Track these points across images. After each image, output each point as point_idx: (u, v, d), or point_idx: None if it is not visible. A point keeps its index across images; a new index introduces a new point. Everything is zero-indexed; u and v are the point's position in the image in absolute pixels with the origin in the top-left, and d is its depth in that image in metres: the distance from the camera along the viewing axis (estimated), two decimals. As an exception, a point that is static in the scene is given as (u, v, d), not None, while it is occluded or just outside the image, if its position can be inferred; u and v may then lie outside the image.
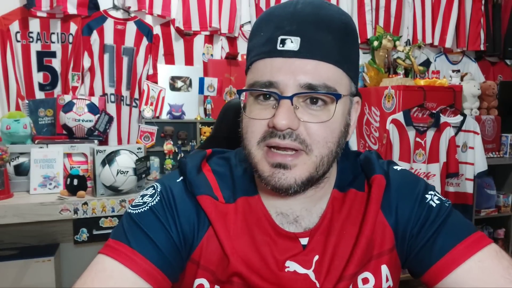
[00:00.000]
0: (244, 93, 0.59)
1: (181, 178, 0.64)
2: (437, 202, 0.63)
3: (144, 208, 0.60)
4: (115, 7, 2.62)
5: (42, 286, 1.66)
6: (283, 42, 0.53)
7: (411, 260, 0.62)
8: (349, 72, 0.57)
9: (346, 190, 0.64)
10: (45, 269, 1.69)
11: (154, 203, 0.60)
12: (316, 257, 0.59)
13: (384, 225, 0.61)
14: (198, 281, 0.60)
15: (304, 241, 0.60)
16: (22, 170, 1.85)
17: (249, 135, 0.57)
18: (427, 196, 0.63)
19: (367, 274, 0.60)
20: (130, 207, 0.62)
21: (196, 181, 0.62)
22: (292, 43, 0.53)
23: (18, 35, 2.44)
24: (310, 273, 0.58)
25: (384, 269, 0.60)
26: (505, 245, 2.92)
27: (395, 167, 0.68)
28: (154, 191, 0.63)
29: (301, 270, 0.58)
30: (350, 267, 0.58)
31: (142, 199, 0.62)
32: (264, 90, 0.54)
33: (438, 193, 0.65)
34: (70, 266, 1.80)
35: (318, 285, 0.58)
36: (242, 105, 0.59)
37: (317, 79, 0.53)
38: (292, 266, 0.58)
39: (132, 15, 2.66)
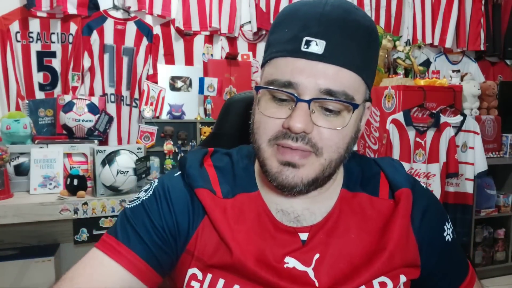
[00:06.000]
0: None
1: (179, 172, 0.65)
2: (451, 236, 0.67)
3: (136, 203, 0.63)
4: (115, 7, 2.62)
5: (42, 286, 1.65)
6: (308, 43, 0.52)
7: (414, 282, 0.63)
8: (368, 79, 0.58)
9: (355, 191, 0.64)
10: (45, 269, 1.68)
11: (146, 197, 0.63)
12: (317, 256, 0.58)
13: (409, 239, 0.62)
14: (191, 271, 0.59)
15: (303, 236, 0.59)
16: (22, 170, 1.84)
17: (261, 131, 0.56)
18: (445, 227, 0.67)
19: (384, 279, 0.59)
20: (128, 202, 0.65)
21: (195, 174, 0.62)
22: (317, 46, 0.52)
23: (18, 35, 2.44)
24: (310, 271, 0.57)
25: (402, 278, 0.60)
26: (505, 245, 2.92)
27: (421, 183, 0.69)
28: (149, 186, 0.65)
29: (300, 267, 0.57)
30: (364, 275, 0.57)
31: (138, 194, 0.65)
32: (283, 90, 0.54)
33: (451, 224, 0.69)
34: (70, 266, 1.79)
35: (317, 284, 0.57)
36: (255, 98, 0.59)
37: (338, 86, 0.53)
38: (291, 262, 0.58)
39: (132, 15, 2.66)
